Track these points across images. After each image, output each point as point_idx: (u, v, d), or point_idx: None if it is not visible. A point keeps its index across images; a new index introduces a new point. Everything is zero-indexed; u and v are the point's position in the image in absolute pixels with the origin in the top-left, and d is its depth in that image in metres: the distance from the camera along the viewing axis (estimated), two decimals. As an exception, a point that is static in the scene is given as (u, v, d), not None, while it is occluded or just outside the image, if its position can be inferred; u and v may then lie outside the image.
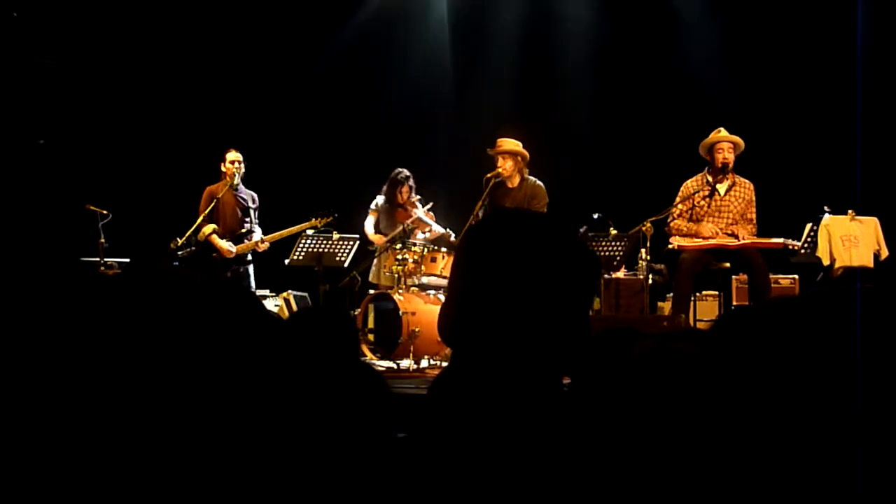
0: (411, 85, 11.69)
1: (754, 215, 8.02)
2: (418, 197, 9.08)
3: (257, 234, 8.90)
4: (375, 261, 9.08)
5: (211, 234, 8.77)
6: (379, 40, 11.67)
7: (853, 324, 1.15)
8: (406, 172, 9.09)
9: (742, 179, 8.03)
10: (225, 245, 8.77)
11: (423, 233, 9.00)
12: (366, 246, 9.14)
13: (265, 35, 11.33)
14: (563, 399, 1.40)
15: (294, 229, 8.86)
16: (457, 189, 9.79)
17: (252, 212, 8.92)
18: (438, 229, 9.00)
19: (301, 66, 11.60)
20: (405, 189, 9.03)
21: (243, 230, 8.87)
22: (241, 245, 8.82)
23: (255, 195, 9.04)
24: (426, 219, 8.96)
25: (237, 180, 8.83)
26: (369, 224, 9.19)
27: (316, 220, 8.80)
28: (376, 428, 1.38)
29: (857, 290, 1.17)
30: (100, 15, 10.74)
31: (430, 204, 9.03)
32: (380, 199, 9.20)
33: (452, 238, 8.94)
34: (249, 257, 8.96)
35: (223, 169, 8.91)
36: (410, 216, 8.87)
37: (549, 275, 1.45)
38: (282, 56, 11.42)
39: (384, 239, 8.98)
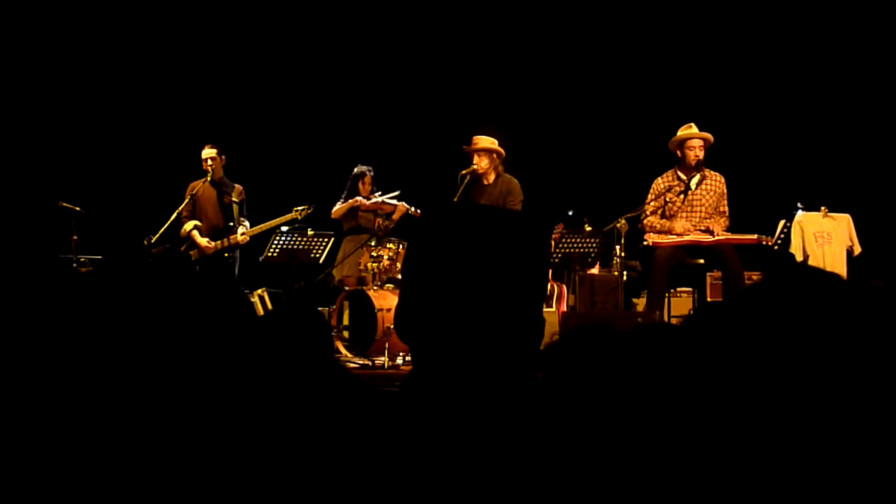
0: (388, 79, 11.67)
1: (727, 208, 8.06)
2: (379, 192, 9.16)
3: (244, 227, 8.83)
4: (339, 255, 9.09)
5: (192, 230, 8.73)
6: (356, 34, 11.65)
7: (822, 312, 1.15)
8: (366, 168, 9.23)
9: (712, 172, 8.06)
10: (204, 242, 8.73)
11: (387, 214, 9.09)
12: (338, 226, 9.22)
13: (243, 28, 11.28)
14: (535, 395, 1.40)
15: (274, 222, 8.82)
16: (432, 185, 9.78)
17: (236, 206, 8.87)
18: (394, 202, 9.09)
19: (279, 61, 11.57)
20: (367, 180, 9.15)
21: (228, 225, 8.81)
22: (217, 242, 8.77)
23: (240, 188, 8.98)
24: (385, 199, 9.09)
25: (210, 176, 8.78)
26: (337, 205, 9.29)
27: (296, 212, 8.79)
28: (354, 427, 1.38)
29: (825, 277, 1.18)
30: (72, 10, 10.66)
31: (398, 192, 9.14)
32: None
33: (412, 210, 9.01)
34: (235, 253, 8.89)
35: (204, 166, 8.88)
36: (371, 205, 9.06)
37: (496, 268, 1.45)
38: (259, 49, 11.39)
39: (347, 205, 9.11)
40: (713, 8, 10.88)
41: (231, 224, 8.80)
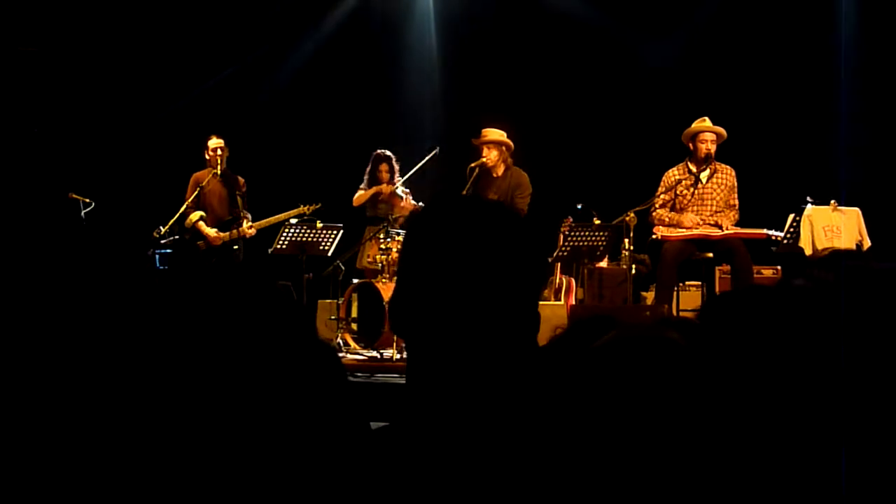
0: (396, 73, 11.67)
1: (736, 201, 8.05)
2: (401, 179, 9.14)
3: (248, 220, 8.86)
4: (361, 247, 9.09)
5: (198, 221, 8.76)
6: (365, 29, 11.64)
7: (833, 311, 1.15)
8: (387, 153, 9.24)
9: (723, 166, 8.04)
10: (212, 232, 8.76)
11: (399, 208, 9.08)
12: (359, 211, 9.26)
13: (251, 22, 11.28)
14: (532, 389, 1.39)
15: (282, 216, 8.85)
16: (442, 178, 9.78)
17: (240, 198, 8.89)
18: (412, 202, 9.09)
19: (287, 55, 11.58)
20: (384, 167, 9.14)
21: (230, 217, 8.84)
22: (226, 233, 8.79)
23: (243, 180, 9.00)
24: (401, 193, 9.06)
25: (220, 168, 8.80)
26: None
27: (304, 206, 8.81)
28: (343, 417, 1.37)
29: (843, 267, 1.17)
30: (83, 4, 10.68)
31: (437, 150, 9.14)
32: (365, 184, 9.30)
33: (418, 207, 9.03)
34: (240, 245, 8.92)
35: (207, 156, 8.89)
36: (391, 194, 9.04)
37: (492, 261, 1.44)
38: (267, 44, 11.39)
39: (369, 193, 9.11)
40: (722, 1, 10.84)
41: (236, 216, 8.83)
